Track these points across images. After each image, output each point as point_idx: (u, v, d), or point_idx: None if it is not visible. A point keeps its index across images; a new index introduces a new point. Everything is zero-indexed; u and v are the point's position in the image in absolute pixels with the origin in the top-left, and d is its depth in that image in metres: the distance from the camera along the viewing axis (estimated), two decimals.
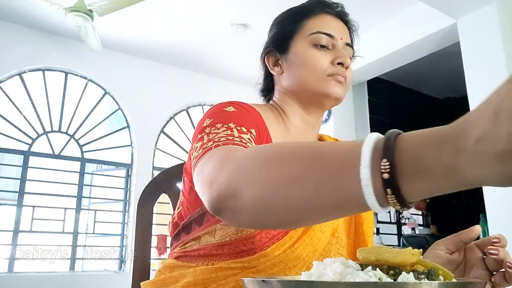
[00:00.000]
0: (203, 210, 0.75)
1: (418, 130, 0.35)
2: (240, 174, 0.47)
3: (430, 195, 0.34)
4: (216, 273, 0.69)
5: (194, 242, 0.76)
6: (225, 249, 0.71)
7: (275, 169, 0.44)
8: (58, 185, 3.67)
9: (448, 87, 4.72)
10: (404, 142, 0.34)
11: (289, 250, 0.70)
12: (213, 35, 3.79)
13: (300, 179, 0.41)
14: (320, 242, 0.74)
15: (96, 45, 3.29)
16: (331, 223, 0.76)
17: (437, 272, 0.44)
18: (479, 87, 2.79)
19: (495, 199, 2.61)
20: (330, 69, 0.78)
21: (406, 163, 0.33)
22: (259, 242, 0.70)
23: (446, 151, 0.31)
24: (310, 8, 0.83)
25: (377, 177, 0.34)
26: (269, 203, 0.43)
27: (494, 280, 0.60)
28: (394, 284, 0.39)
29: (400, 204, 0.34)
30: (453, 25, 3.03)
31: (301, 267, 0.71)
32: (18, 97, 3.64)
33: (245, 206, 0.45)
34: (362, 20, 0.87)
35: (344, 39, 0.81)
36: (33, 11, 3.36)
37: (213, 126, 0.66)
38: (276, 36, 0.85)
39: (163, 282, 0.75)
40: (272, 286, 0.39)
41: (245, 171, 0.47)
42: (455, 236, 0.64)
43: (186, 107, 4.47)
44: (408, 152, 0.33)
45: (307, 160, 0.42)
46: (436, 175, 0.32)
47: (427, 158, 0.32)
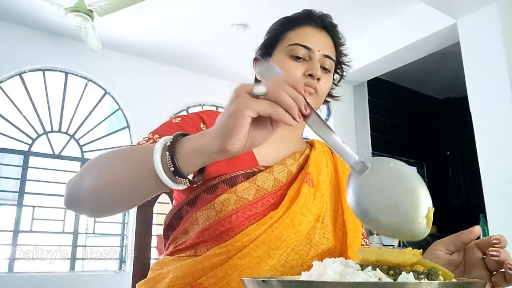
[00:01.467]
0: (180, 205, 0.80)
1: None
2: (79, 175, 0.65)
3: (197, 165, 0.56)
4: (202, 264, 0.70)
5: (183, 235, 0.79)
6: (205, 234, 0.74)
7: (105, 162, 0.63)
8: (58, 185, 3.66)
9: (448, 87, 4.72)
10: (183, 137, 0.57)
11: (269, 229, 0.73)
12: (213, 35, 3.79)
13: (115, 169, 0.61)
14: (303, 225, 0.76)
15: (96, 45, 3.29)
16: (314, 207, 0.78)
17: (437, 272, 0.44)
18: (479, 87, 2.79)
19: (495, 199, 2.61)
20: (301, 80, 0.82)
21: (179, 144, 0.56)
22: (236, 221, 0.73)
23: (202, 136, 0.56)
24: (296, 20, 0.88)
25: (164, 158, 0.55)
26: (99, 187, 0.61)
27: (494, 280, 0.60)
28: (394, 284, 0.39)
29: (175, 169, 0.54)
30: (453, 25, 3.03)
31: (285, 249, 0.73)
32: (18, 97, 3.64)
33: (83, 193, 0.63)
34: (362, 20, 0.88)
35: (323, 51, 0.84)
36: (33, 11, 3.36)
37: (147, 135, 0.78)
38: (264, 43, 0.90)
39: (154, 280, 0.76)
40: (272, 286, 0.39)
41: (82, 171, 0.65)
42: (454, 237, 0.64)
43: (186, 107, 4.47)
44: (183, 139, 0.57)
45: (122, 157, 0.63)
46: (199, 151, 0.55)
47: (192, 142, 0.56)
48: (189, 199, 0.79)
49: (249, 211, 0.75)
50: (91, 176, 0.62)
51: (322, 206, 0.81)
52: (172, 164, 0.54)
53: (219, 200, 0.75)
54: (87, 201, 0.63)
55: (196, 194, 0.78)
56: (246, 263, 0.69)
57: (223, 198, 0.75)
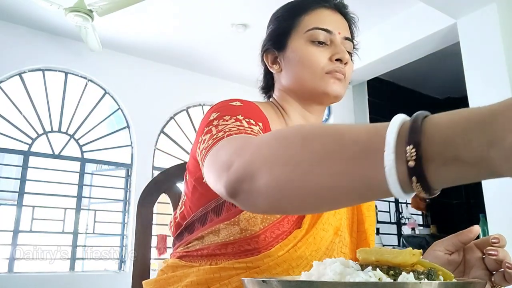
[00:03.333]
0: (206, 209, 0.75)
1: (448, 112, 0.32)
2: (258, 157, 0.44)
3: (458, 183, 0.33)
4: (220, 273, 0.68)
5: (197, 242, 0.75)
6: (228, 249, 0.71)
7: (294, 153, 0.41)
8: (58, 185, 3.67)
9: (448, 87, 4.72)
10: (432, 126, 0.32)
11: (292, 249, 0.69)
12: (213, 35, 3.79)
13: (319, 164, 0.38)
14: (323, 241, 0.73)
15: (96, 45, 3.29)
16: (334, 221, 0.75)
17: (437, 272, 0.44)
18: (479, 87, 2.79)
19: (495, 199, 2.61)
20: (328, 66, 0.76)
21: (433, 150, 0.31)
22: (264, 242, 0.69)
23: (478, 141, 0.28)
24: (306, 3, 0.81)
25: (402, 164, 0.32)
26: (286, 189, 0.41)
27: (493, 280, 0.60)
28: (394, 284, 0.39)
29: (425, 191, 0.33)
30: (453, 25, 3.03)
31: (304, 266, 0.70)
32: (18, 97, 3.64)
33: (261, 189, 0.43)
34: (362, 20, 0.87)
35: (343, 33, 0.79)
36: (33, 11, 3.36)
37: (221, 119, 0.65)
38: (274, 33, 0.84)
39: (166, 281, 0.74)
40: (272, 286, 0.39)
41: (263, 154, 0.44)
42: (454, 237, 0.64)
43: (186, 107, 4.47)
44: (435, 138, 0.31)
45: (327, 144, 0.39)
46: (465, 165, 0.30)
47: (457, 146, 0.30)
48: (214, 206, 0.74)
49: (276, 230, 0.71)
50: (275, 167, 0.42)
51: (341, 217, 0.77)
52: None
53: (243, 217, 0.69)
54: (263, 199, 0.44)
55: (221, 201, 0.72)
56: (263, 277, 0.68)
57: (248, 216, 0.69)
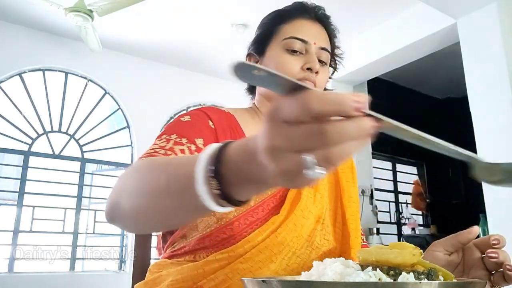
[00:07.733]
0: None
1: (241, 141, 0.39)
2: (121, 188, 0.56)
3: (259, 193, 0.45)
4: (203, 268, 0.69)
5: (181, 240, 0.77)
6: (206, 242, 0.72)
7: (141, 185, 0.52)
8: (58, 185, 3.67)
9: (448, 87, 4.72)
10: (228, 158, 0.39)
11: (272, 235, 0.71)
12: (213, 35, 3.79)
13: (156, 197, 0.49)
14: (304, 228, 0.74)
15: (96, 45, 3.29)
16: (315, 210, 0.77)
17: (437, 272, 0.44)
18: (479, 87, 2.79)
19: (495, 199, 2.61)
20: (299, 74, 0.79)
21: (231, 179, 0.39)
22: (238, 228, 0.72)
23: (256, 167, 0.35)
24: (288, 13, 0.85)
25: (211, 193, 0.40)
26: (139, 214, 0.52)
27: (493, 279, 0.60)
28: (394, 284, 0.39)
29: (236, 204, 0.41)
30: (453, 25, 3.03)
31: (286, 253, 0.72)
32: (18, 97, 3.64)
33: (126, 215, 0.53)
34: (362, 20, 0.87)
35: (319, 43, 0.82)
36: (33, 11, 3.36)
37: (159, 137, 0.75)
38: (257, 38, 0.88)
39: (153, 282, 0.75)
40: (272, 286, 0.39)
41: (125, 185, 0.56)
42: (453, 237, 0.64)
43: (186, 107, 4.47)
44: (231, 167, 0.38)
45: (161, 181, 0.49)
46: (255, 183, 0.38)
47: (246, 171, 0.38)
48: None
49: (250, 217, 0.73)
50: (130, 198, 0.53)
51: (322, 207, 0.79)
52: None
53: None
54: (128, 224, 0.57)
55: None
56: (247, 267, 0.68)
57: None
